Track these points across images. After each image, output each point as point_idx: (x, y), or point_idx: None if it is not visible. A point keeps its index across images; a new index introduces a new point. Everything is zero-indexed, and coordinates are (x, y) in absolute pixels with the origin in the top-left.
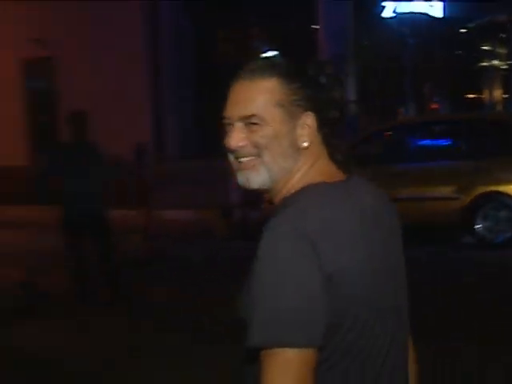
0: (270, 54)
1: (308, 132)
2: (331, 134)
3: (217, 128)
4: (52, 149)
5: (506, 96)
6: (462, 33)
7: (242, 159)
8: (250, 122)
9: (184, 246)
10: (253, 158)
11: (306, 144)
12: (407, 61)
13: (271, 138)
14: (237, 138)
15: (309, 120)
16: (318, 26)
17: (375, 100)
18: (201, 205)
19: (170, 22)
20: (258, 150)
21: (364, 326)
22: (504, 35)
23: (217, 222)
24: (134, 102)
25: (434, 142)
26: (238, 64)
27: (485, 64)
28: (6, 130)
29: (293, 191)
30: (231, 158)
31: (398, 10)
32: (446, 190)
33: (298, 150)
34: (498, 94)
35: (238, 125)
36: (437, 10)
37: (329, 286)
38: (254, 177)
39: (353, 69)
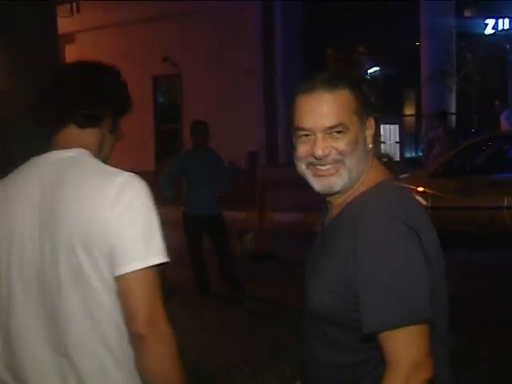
0: (373, 69)
1: (371, 134)
2: (379, 135)
3: None
4: (176, 155)
5: None
6: None
7: (324, 167)
8: (335, 130)
9: (291, 245)
10: (335, 164)
11: (371, 146)
12: (508, 75)
13: (354, 143)
14: (322, 148)
15: (371, 124)
16: (419, 43)
17: (475, 112)
18: (307, 208)
19: (281, 42)
20: (342, 157)
21: (438, 301)
22: None
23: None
24: (249, 115)
25: None
26: None
27: None
28: (138, 140)
29: (362, 189)
30: (302, 166)
31: (499, 27)
32: None
33: (367, 151)
34: None
35: (321, 135)
36: None
37: (429, 268)
38: (338, 181)
39: (454, 83)
